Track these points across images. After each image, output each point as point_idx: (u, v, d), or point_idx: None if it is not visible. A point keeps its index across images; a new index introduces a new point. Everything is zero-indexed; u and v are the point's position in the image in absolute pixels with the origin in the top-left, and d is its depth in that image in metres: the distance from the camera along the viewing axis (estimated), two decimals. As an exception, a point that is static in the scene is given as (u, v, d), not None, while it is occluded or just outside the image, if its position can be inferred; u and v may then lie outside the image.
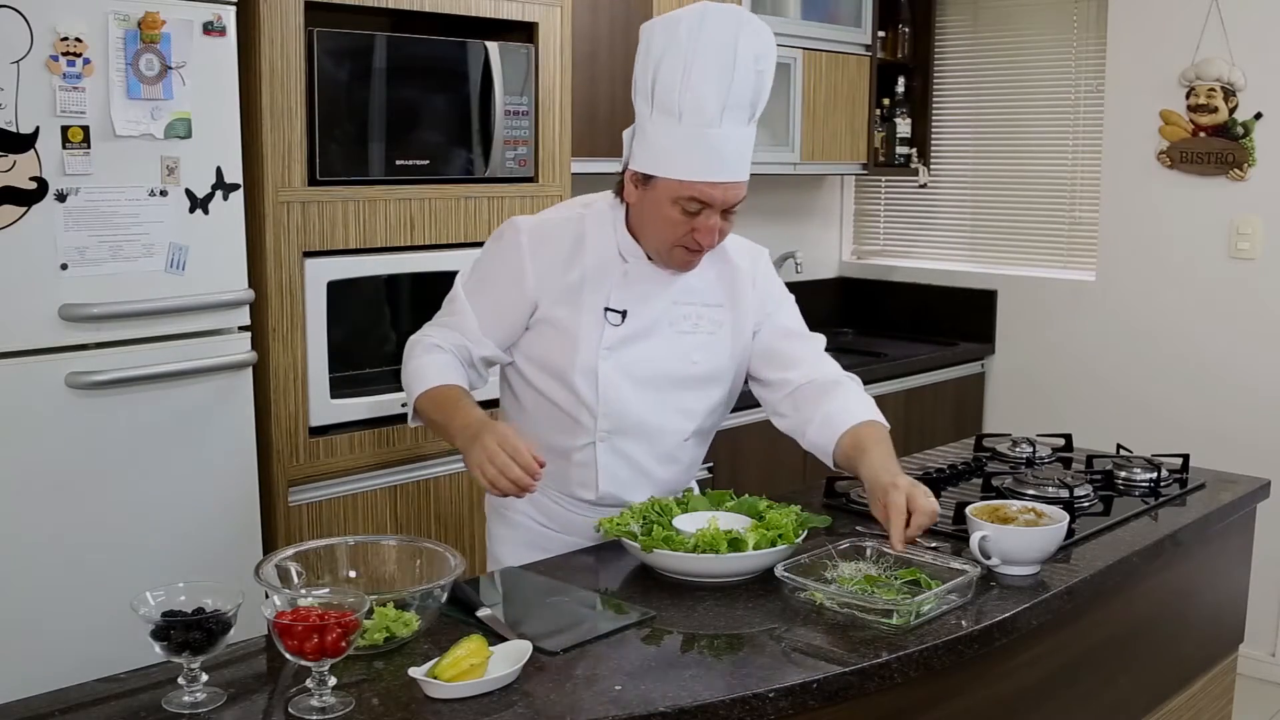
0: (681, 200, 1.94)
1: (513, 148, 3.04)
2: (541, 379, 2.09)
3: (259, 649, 1.60)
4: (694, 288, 2.09)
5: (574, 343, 2.03)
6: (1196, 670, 2.43)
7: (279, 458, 2.69)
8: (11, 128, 2.20)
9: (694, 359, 2.09)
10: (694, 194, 1.92)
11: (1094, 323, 4.26)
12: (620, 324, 2.04)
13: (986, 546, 1.87)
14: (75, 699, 1.46)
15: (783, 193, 4.68)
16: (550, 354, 2.06)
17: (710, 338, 2.11)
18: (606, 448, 2.08)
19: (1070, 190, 4.40)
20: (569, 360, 2.04)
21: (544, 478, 1.95)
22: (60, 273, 2.29)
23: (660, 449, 2.12)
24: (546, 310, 2.05)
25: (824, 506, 2.22)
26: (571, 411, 2.07)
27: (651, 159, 1.95)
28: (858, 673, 1.56)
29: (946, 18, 4.67)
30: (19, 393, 2.26)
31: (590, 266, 2.04)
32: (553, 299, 2.04)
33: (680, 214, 1.95)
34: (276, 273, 2.64)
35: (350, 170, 2.77)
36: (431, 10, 2.86)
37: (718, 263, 2.11)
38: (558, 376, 2.06)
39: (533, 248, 2.04)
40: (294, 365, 2.69)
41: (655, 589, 1.83)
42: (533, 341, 2.08)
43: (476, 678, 1.45)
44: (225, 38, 2.48)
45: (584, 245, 2.05)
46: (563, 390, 2.07)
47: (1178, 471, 2.48)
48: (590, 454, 2.08)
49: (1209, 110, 3.89)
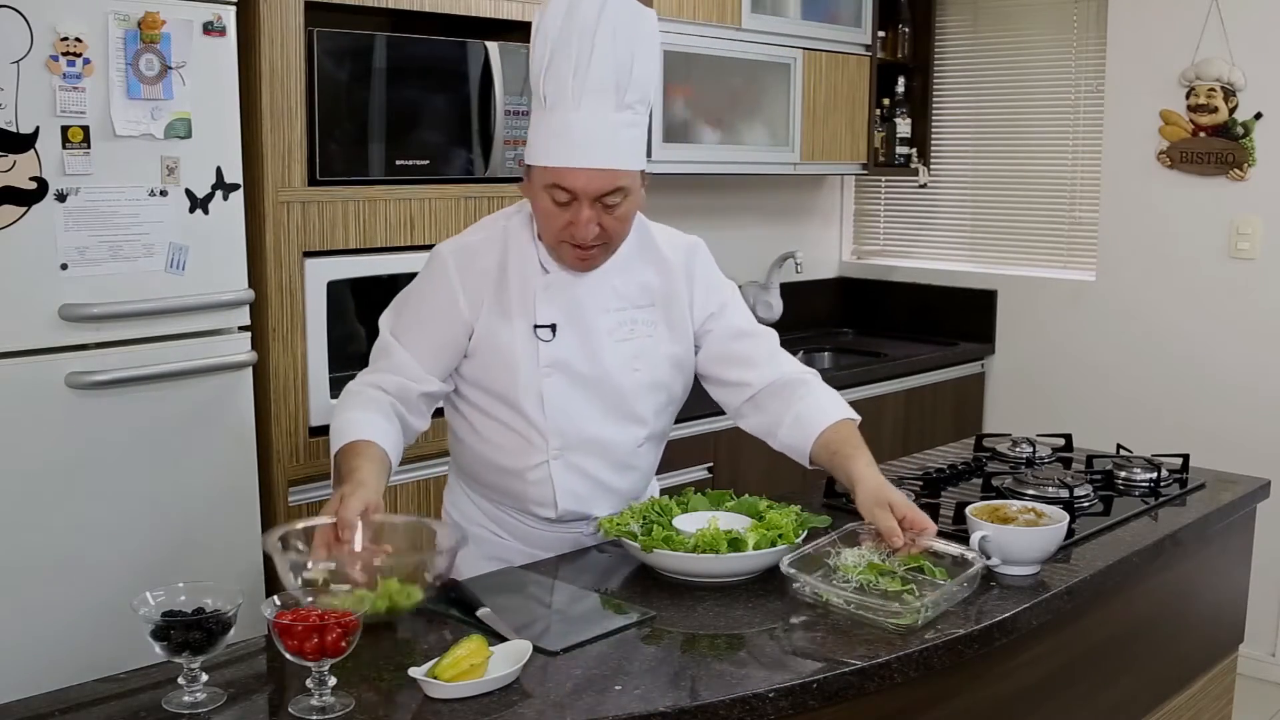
0: (549, 189, 1.88)
1: (513, 148, 3.04)
2: (487, 402, 2.04)
3: (259, 649, 1.61)
4: (621, 291, 2.03)
5: (513, 365, 1.99)
6: (1196, 670, 2.43)
7: (279, 458, 2.69)
8: (11, 128, 2.20)
9: (635, 367, 2.05)
10: (555, 180, 1.87)
11: (1094, 323, 4.26)
12: (552, 339, 1.99)
13: (986, 546, 1.87)
14: (75, 699, 1.46)
15: (783, 193, 4.68)
16: (491, 378, 2.01)
17: (648, 341, 2.06)
18: (561, 465, 2.03)
19: (1070, 190, 4.40)
20: (511, 383, 1.99)
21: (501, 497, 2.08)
22: (60, 273, 2.29)
23: (615, 459, 2.08)
24: (481, 333, 1.99)
25: (824, 506, 2.22)
26: (522, 432, 2.02)
27: (528, 148, 1.93)
28: (858, 673, 1.56)
29: (946, 18, 4.67)
30: (19, 393, 2.26)
31: (515, 282, 1.99)
32: (486, 321, 1.98)
33: (553, 205, 1.89)
34: (276, 273, 2.64)
35: (350, 170, 2.77)
36: (431, 10, 2.86)
37: (649, 261, 2.06)
38: (503, 400, 2.01)
39: (460, 271, 1.99)
40: (294, 365, 2.69)
41: (655, 589, 1.83)
42: (473, 367, 2.02)
43: (476, 678, 1.45)
44: (225, 38, 2.48)
45: (508, 260, 1.99)
46: (510, 412, 2.02)
47: (1178, 471, 2.48)
48: (545, 472, 2.03)
49: (1209, 110, 3.89)
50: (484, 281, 1.99)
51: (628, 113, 1.88)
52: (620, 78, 1.86)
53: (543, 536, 2.09)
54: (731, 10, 3.73)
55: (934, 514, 2.16)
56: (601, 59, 1.84)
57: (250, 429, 2.61)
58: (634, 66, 1.86)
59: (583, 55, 1.84)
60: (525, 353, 1.98)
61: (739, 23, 3.76)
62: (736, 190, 4.37)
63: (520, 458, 2.04)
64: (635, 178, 1.91)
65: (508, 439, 2.03)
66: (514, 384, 1.99)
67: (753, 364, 2.12)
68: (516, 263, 1.99)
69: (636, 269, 2.05)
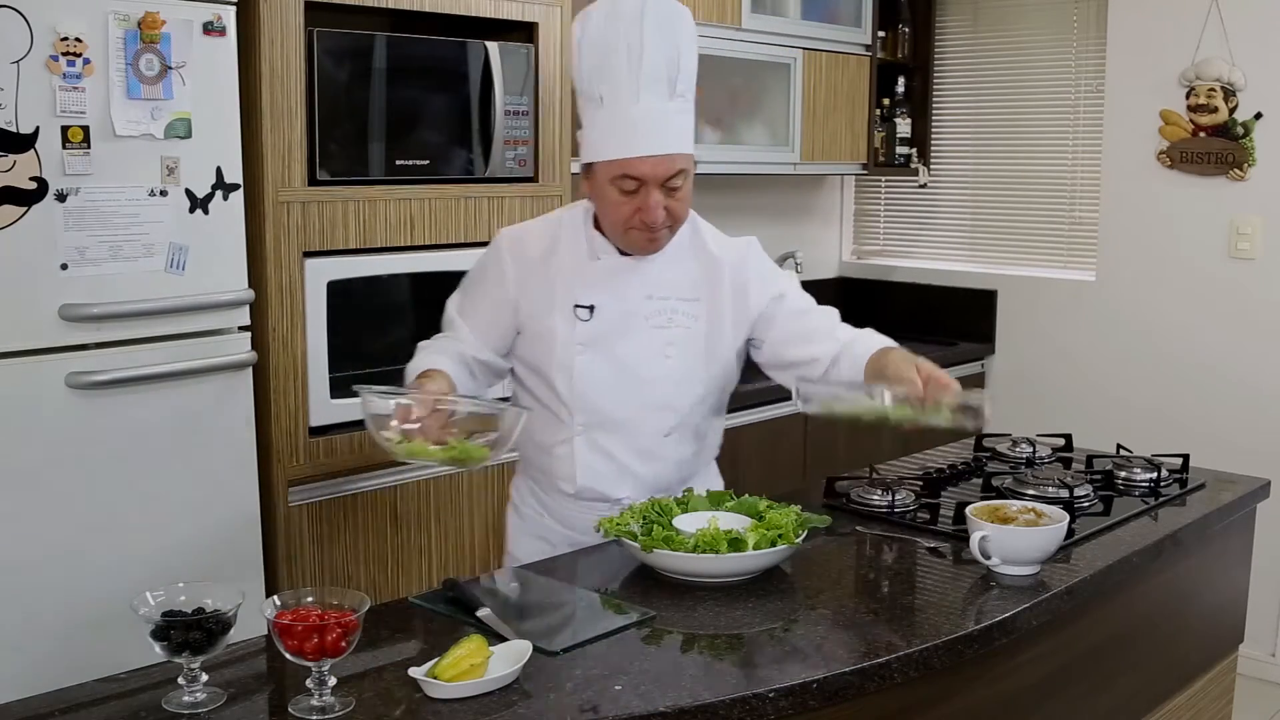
0: (616, 180, 2.00)
1: (513, 148, 3.04)
2: (529, 376, 2.18)
3: (259, 649, 1.61)
4: (668, 281, 2.12)
5: (550, 341, 2.11)
6: (1196, 670, 2.43)
7: (279, 458, 2.69)
8: (11, 128, 2.20)
9: (667, 354, 2.11)
10: (624, 171, 1.98)
11: (1094, 323, 4.26)
12: (589, 319, 2.09)
13: (986, 546, 1.87)
14: (75, 699, 1.46)
15: (783, 193, 4.68)
16: (533, 354, 2.14)
17: (685, 332, 2.12)
18: (583, 442, 2.13)
19: (1070, 190, 4.40)
20: (547, 358, 2.12)
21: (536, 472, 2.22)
22: (60, 273, 2.29)
23: (639, 444, 2.14)
24: (527, 312, 2.12)
25: (824, 507, 2.22)
26: (552, 407, 2.14)
27: (587, 148, 2.05)
28: (858, 673, 1.56)
29: (946, 18, 4.67)
30: (19, 393, 2.26)
31: (564, 267, 2.11)
32: (531, 300, 2.12)
33: (620, 195, 2.01)
34: (276, 273, 2.64)
35: (350, 170, 2.77)
36: (431, 10, 2.86)
37: (697, 257, 2.15)
38: (539, 374, 2.14)
39: (513, 252, 2.14)
40: (294, 365, 2.69)
41: (655, 589, 1.83)
42: (521, 343, 2.16)
43: (476, 678, 1.45)
44: (225, 38, 2.48)
45: (558, 247, 2.13)
46: (544, 387, 2.14)
47: (1178, 471, 2.48)
48: (569, 449, 2.13)
49: (1209, 110, 3.89)
50: (533, 264, 2.13)
51: (679, 100, 2.02)
52: (670, 69, 2.00)
53: (570, 515, 2.18)
54: (731, 10, 3.73)
55: (934, 514, 2.17)
56: (653, 53, 1.98)
57: (250, 429, 2.61)
58: (681, 58, 2.01)
59: (634, 52, 1.97)
60: (563, 330, 2.10)
61: (739, 23, 3.76)
62: (736, 190, 4.37)
63: (550, 432, 2.16)
64: (690, 160, 2.04)
65: (541, 413, 2.16)
66: (549, 359, 2.12)
67: (817, 338, 2.16)
68: (567, 249, 2.13)
69: (684, 262, 2.14)
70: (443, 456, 1.84)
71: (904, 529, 2.14)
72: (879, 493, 2.26)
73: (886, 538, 2.12)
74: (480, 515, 3.04)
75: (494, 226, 2.99)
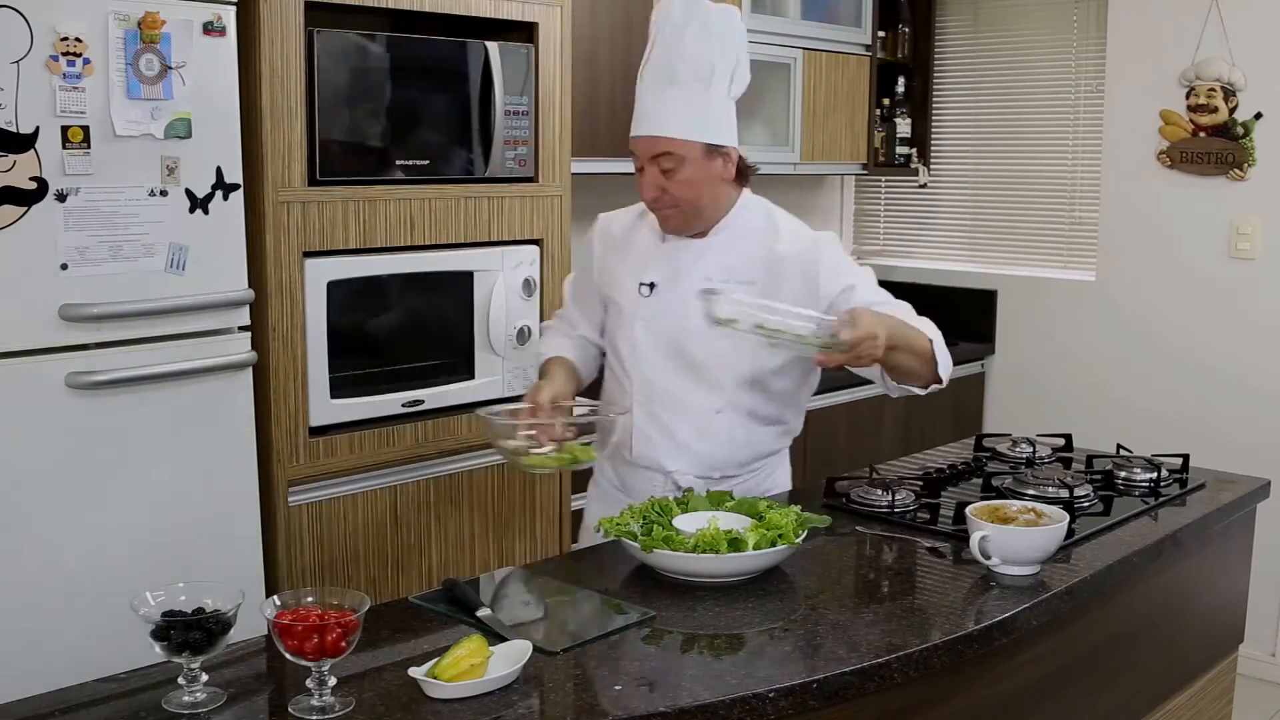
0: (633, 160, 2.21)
1: (513, 148, 3.04)
2: (610, 352, 2.39)
3: (259, 649, 1.61)
4: (728, 264, 2.22)
5: (619, 314, 2.32)
6: (1196, 670, 2.43)
7: (279, 458, 2.69)
8: (11, 128, 2.20)
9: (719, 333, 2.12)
10: (631, 149, 2.20)
11: (1094, 323, 4.26)
12: (649, 295, 2.26)
13: (986, 546, 1.87)
14: (75, 699, 1.46)
15: (783, 193, 4.64)
16: (611, 326, 2.37)
17: None
18: (642, 412, 2.27)
19: (1070, 190, 4.40)
20: (617, 330, 2.33)
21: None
22: (60, 273, 2.29)
23: (691, 420, 2.25)
24: (607, 291, 2.36)
25: (824, 507, 2.22)
26: (619, 377, 2.33)
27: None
28: (858, 673, 1.56)
29: (946, 18, 4.67)
30: (19, 393, 2.26)
31: (639, 246, 2.32)
32: (609, 280, 2.35)
33: (636, 172, 2.21)
34: (276, 273, 2.64)
35: (350, 170, 2.77)
36: (431, 10, 2.86)
37: (764, 244, 2.24)
38: (613, 347, 2.36)
39: (601, 233, 2.41)
40: (294, 365, 2.69)
41: (655, 589, 1.83)
42: (606, 317, 2.40)
43: (476, 678, 1.45)
44: (225, 38, 2.48)
45: (638, 231, 2.34)
46: (615, 359, 2.35)
47: (1178, 471, 2.49)
48: (629, 418, 2.28)
49: (1209, 110, 3.89)
50: (615, 243, 2.37)
51: (677, 88, 2.15)
52: (669, 58, 2.16)
53: (634, 483, 2.32)
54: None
55: (934, 514, 2.17)
56: (662, 46, 2.17)
57: (250, 429, 2.61)
58: (682, 46, 2.14)
59: (648, 47, 2.20)
60: (629, 305, 2.30)
61: (739, 23, 3.76)
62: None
63: (617, 401, 2.33)
64: (685, 146, 2.15)
65: (611, 382, 2.38)
66: (618, 331, 2.33)
67: None
68: (648, 230, 2.32)
69: (749, 248, 2.24)
70: (558, 463, 2.08)
71: (904, 529, 2.15)
72: (879, 493, 2.26)
73: (886, 538, 2.12)
74: (480, 515, 3.04)
75: (494, 226, 2.99)
